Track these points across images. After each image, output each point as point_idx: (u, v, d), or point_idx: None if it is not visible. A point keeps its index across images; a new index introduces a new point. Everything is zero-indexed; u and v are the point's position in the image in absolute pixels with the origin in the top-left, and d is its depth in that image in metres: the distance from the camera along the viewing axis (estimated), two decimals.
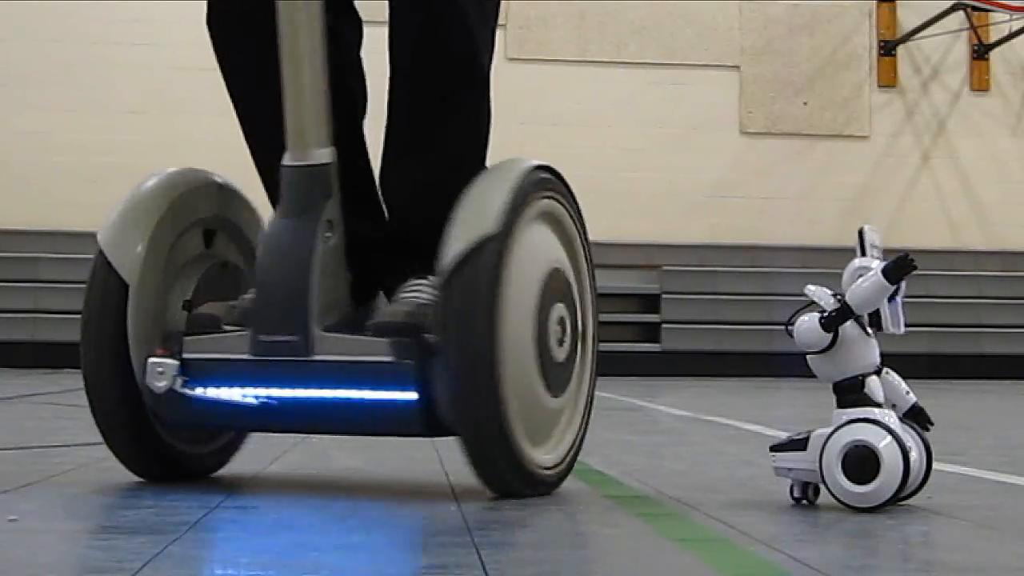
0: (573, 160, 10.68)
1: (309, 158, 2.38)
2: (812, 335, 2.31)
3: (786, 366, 4.31)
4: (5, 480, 2.48)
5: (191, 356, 2.40)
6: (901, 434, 2.26)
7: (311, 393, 2.35)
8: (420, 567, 1.69)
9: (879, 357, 2.35)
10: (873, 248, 2.34)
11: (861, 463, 2.23)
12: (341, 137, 2.47)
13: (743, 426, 4.82)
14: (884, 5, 12.68)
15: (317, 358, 2.34)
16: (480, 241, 2.32)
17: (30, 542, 1.84)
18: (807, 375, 2.39)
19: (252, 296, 2.48)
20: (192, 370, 2.39)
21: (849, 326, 2.31)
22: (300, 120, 2.38)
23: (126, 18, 11.68)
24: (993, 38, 12.65)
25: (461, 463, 2.31)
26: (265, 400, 2.36)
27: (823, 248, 11.67)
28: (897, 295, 2.33)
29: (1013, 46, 12.56)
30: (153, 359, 2.38)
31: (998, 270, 12.40)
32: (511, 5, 11.49)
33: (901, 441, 2.24)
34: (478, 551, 1.78)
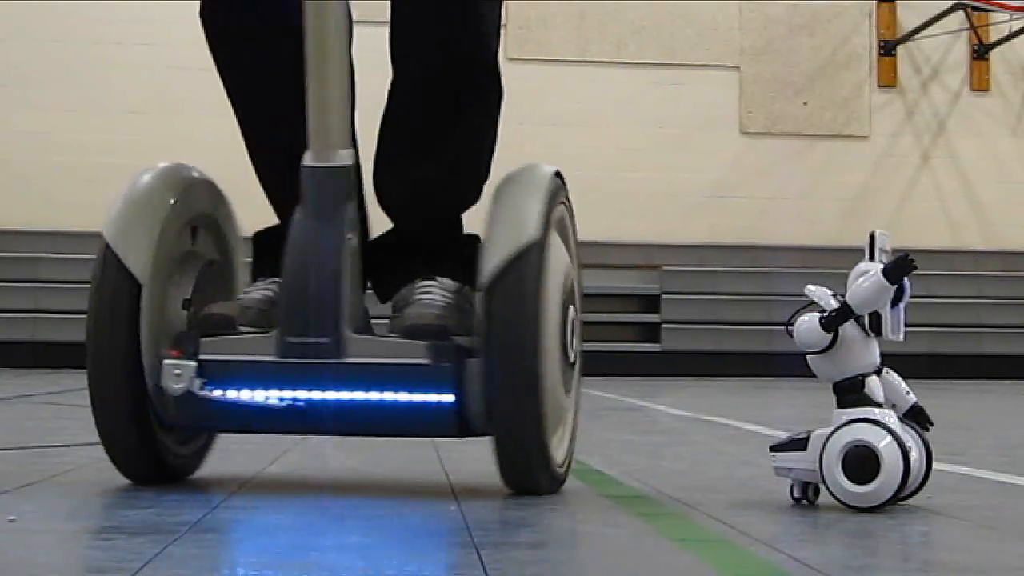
0: (573, 160, 10.71)
1: (334, 159, 2.35)
2: (812, 335, 2.31)
3: (786, 366, 4.31)
4: (5, 480, 2.47)
5: (209, 358, 2.35)
6: (901, 434, 2.26)
7: (342, 395, 2.33)
8: (420, 567, 1.69)
9: (879, 357, 2.35)
10: (883, 253, 2.33)
11: (861, 463, 2.23)
12: None
13: (743, 426, 4.82)
14: (884, 5, 12.68)
15: (349, 360, 2.32)
16: (523, 248, 2.33)
17: (30, 542, 1.84)
18: (807, 375, 2.39)
19: (260, 296, 2.47)
20: (210, 372, 2.34)
21: (849, 326, 2.31)
22: (325, 121, 2.35)
23: (126, 18, 11.68)
24: (993, 38, 12.65)
25: (461, 463, 2.31)
26: (291, 402, 2.33)
27: (823, 248, 11.68)
28: (900, 301, 2.33)
29: (1013, 46, 12.56)
30: (169, 360, 2.34)
31: (998, 270, 12.40)
32: (511, 5, 11.46)
33: (901, 441, 2.24)
34: (478, 551, 1.78)
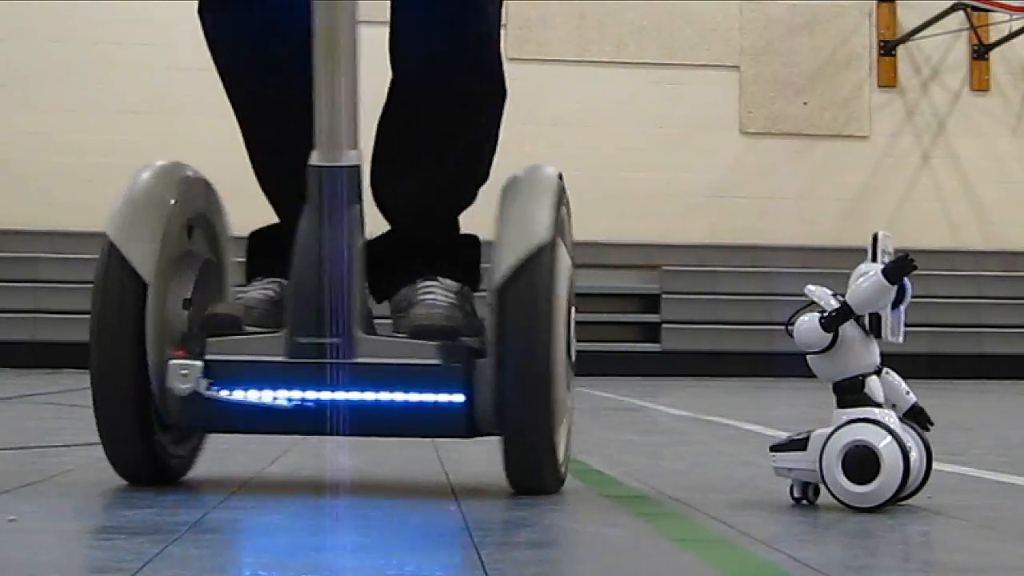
0: (573, 160, 10.72)
1: (343, 159, 2.34)
2: (812, 335, 2.31)
3: (786, 366, 4.30)
4: (5, 480, 2.47)
5: (216, 358, 2.34)
6: (901, 434, 2.26)
7: (352, 396, 2.32)
8: (420, 567, 1.69)
9: (879, 357, 2.35)
10: (885, 254, 2.33)
11: (861, 463, 2.23)
12: None
13: (743, 426, 4.82)
14: (884, 5, 12.68)
15: (360, 360, 2.32)
16: (536, 250, 2.34)
17: (30, 542, 1.83)
18: (807, 375, 2.39)
19: (262, 296, 2.46)
20: (217, 372, 2.33)
21: (849, 326, 2.31)
22: (334, 121, 2.33)
23: (126, 18, 11.68)
24: (993, 38, 12.65)
25: (461, 463, 2.31)
26: (300, 403, 2.32)
27: (823, 248, 11.68)
28: (901, 303, 2.33)
29: (1013, 46, 12.56)
30: (175, 360, 2.32)
31: (998, 270, 12.40)
32: (511, 5, 11.42)
33: (901, 441, 2.24)
34: (478, 551, 1.78)
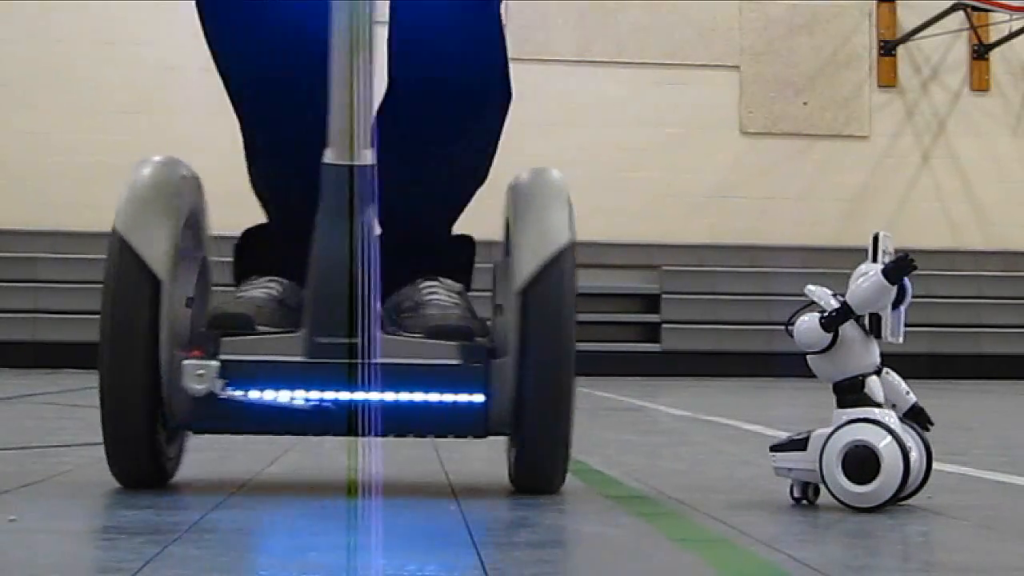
0: (573, 160, 10.73)
1: (359, 158, 2.31)
2: (812, 335, 2.31)
3: (786, 366, 4.31)
4: (5, 480, 2.47)
5: (232, 358, 2.30)
6: (901, 434, 2.26)
7: (371, 396, 2.31)
8: (420, 567, 1.69)
9: (879, 357, 2.34)
10: (885, 255, 2.33)
11: (861, 463, 2.23)
12: None
13: (743, 426, 4.81)
14: (884, 5, 12.68)
15: (381, 360, 2.31)
16: (558, 253, 2.35)
17: (30, 542, 1.83)
18: (807, 375, 2.39)
19: (265, 295, 2.46)
20: (233, 372, 2.29)
21: (849, 326, 2.31)
22: (352, 120, 2.30)
23: (124, 18, 11.68)
24: (993, 38, 12.65)
25: (461, 463, 2.31)
26: (318, 403, 2.31)
27: (823, 248, 11.69)
28: (901, 303, 2.33)
29: (1013, 46, 12.56)
30: (190, 360, 2.29)
31: (998, 270, 12.41)
32: (511, 5, 11.47)
33: (901, 441, 2.24)
34: (478, 551, 1.78)
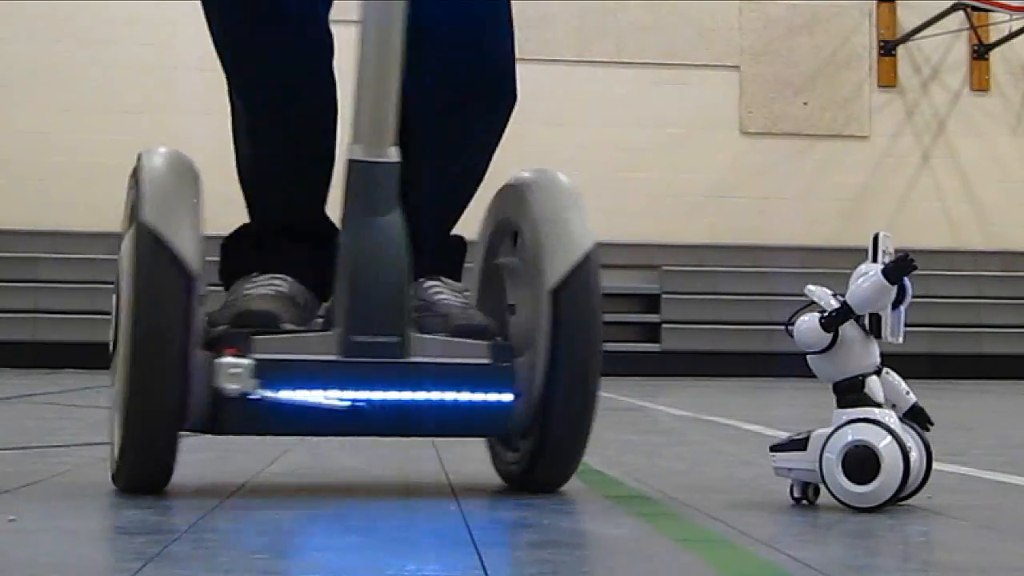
0: (573, 160, 10.72)
1: (388, 155, 2.30)
2: (812, 335, 2.31)
3: (786, 366, 4.31)
4: (5, 480, 2.47)
5: (265, 356, 2.26)
6: (901, 434, 2.26)
7: (407, 395, 2.31)
8: (420, 567, 1.69)
9: (879, 357, 2.35)
10: (885, 255, 2.33)
11: (861, 463, 2.23)
12: None
13: (743, 426, 4.81)
14: (884, 5, 12.68)
15: (416, 360, 2.31)
16: (586, 255, 2.38)
17: (30, 542, 1.83)
18: (807, 375, 2.39)
19: (273, 292, 2.44)
20: (267, 372, 2.25)
21: (849, 326, 2.31)
22: (381, 116, 2.29)
23: (126, 18, 11.68)
24: (993, 38, 12.65)
25: (461, 463, 2.31)
26: (353, 403, 2.29)
27: (823, 248, 11.69)
28: (901, 303, 2.33)
29: (1013, 46, 12.56)
30: (224, 359, 2.23)
31: (998, 270, 12.41)
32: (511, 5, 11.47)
33: (901, 441, 2.24)
34: (478, 551, 1.78)
